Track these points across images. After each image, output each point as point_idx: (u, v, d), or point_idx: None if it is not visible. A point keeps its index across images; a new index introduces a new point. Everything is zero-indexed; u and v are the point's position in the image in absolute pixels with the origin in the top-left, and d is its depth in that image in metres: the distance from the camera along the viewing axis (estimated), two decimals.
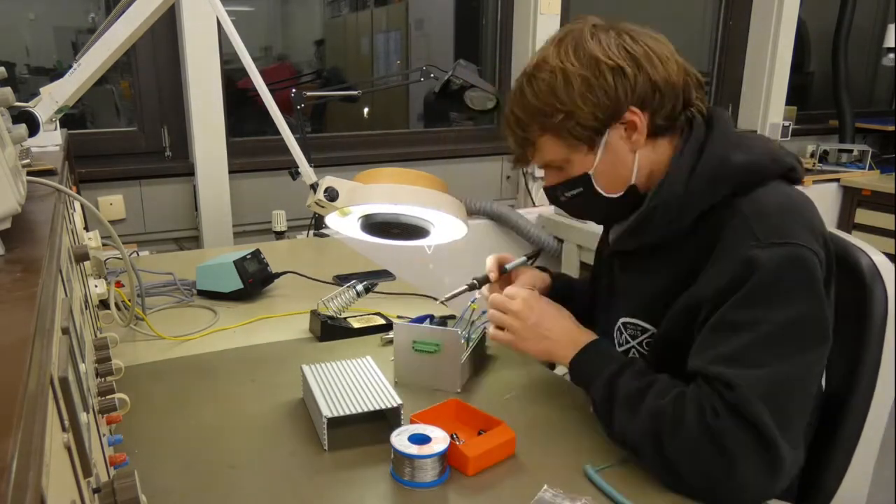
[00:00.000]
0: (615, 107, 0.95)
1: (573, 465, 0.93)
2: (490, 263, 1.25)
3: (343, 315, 1.41)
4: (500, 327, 1.10)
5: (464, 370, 1.17)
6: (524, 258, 1.29)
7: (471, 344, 1.21)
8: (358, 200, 1.22)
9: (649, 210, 0.99)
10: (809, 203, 0.95)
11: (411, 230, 1.29)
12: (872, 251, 1.06)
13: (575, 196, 1.03)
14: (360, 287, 1.39)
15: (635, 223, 1.02)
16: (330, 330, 1.35)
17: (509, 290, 1.12)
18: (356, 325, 1.39)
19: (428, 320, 1.28)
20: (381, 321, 1.42)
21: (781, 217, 0.90)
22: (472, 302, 1.24)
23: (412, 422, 0.97)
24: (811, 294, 0.87)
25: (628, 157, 0.99)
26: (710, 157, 0.96)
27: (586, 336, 1.05)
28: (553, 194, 1.05)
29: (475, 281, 1.24)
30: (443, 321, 1.29)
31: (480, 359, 1.27)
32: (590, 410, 1.02)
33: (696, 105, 1.00)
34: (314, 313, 1.39)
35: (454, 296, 1.25)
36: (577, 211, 1.09)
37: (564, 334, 1.05)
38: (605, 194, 1.01)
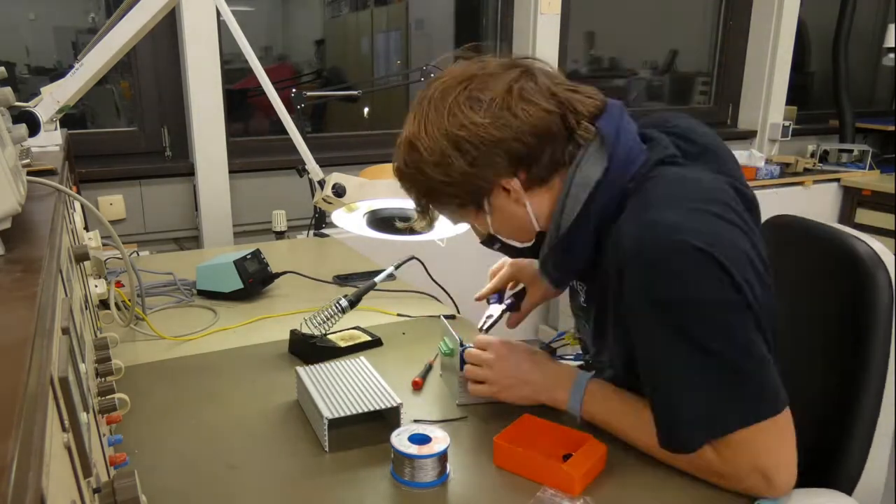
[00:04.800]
0: (478, 181, 0.91)
1: None
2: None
3: (325, 333, 1.31)
4: (479, 381, 1.06)
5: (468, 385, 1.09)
6: (391, 268, 1.34)
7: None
8: (366, 196, 1.22)
9: (540, 264, 0.99)
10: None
11: None
12: (870, 239, 1.07)
13: (500, 249, 1.03)
14: (344, 302, 1.29)
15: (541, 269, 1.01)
16: (318, 351, 1.26)
17: (480, 339, 1.09)
18: (341, 343, 1.32)
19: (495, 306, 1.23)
20: (366, 337, 1.34)
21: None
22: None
23: (496, 444, 0.93)
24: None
25: (519, 211, 0.94)
26: (575, 187, 0.91)
27: (567, 372, 1.03)
28: (488, 247, 1.05)
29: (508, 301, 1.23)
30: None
31: None
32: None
33: (582, 131, 0.90)
34: (294, 333, 1.30)
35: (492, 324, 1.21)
36: (514, 257, 1.09)
37: (548, 377, 1.03)
38: (518, 245, 1.00)
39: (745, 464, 0.85)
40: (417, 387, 1.16)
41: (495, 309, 1.22)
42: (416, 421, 1.04)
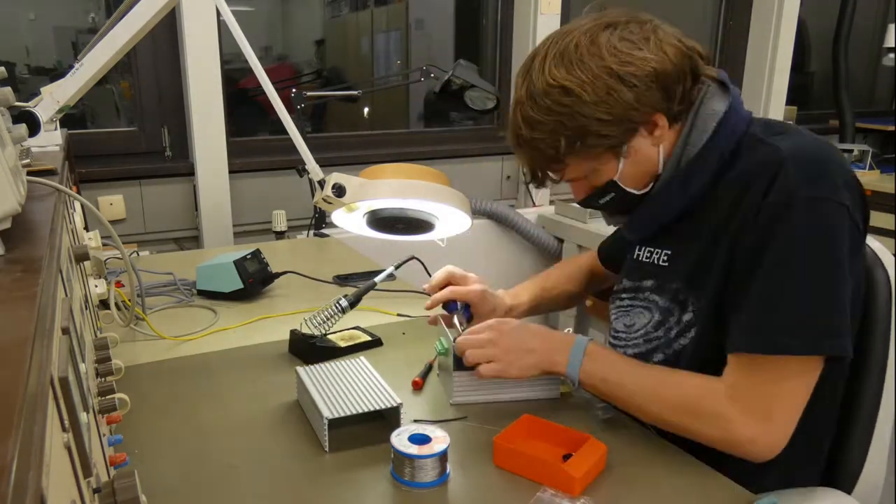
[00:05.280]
0: (637, 116, 0.95)
1: None
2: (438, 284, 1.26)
3: (325, 333, 1.31)
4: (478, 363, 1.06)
5: (466, 382, 1.10)
6: (392, 268, 1.34)
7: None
8: (366, 196, 1.22)
9: (648, 200, 1.02)
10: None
11: (417, 225, 1.28)
12: (868, 238, 1.08)
13: (609, 200, 1.04)
14: (344, 302, 1.29)
15: (641, 212, 1.05)
16: (318, 351, 1.27)
17: (470, 328, 1.10)
18: (341, 343, 1.32)
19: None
20: (366, 337, 1.35)
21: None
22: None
23: (496, 444, 0.93)
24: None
25: (653, 152, 1.00)
26: (701, 121, 0.98)
27: (565, 337, 1.04)
28: (587, 203, 1.06)
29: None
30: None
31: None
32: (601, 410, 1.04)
33: (705, 75, 1.00)
34: (294, 333, 1.30)
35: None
36: (616, 210, 1.10)
37: (547, 342, 1.04)
38: (636, 192, 1.02)
39: (762, 400, 0.88)
40: (417, 387, 1.16)
41: (459, 317, 1.22)
42: (416, 421, 1.04)
